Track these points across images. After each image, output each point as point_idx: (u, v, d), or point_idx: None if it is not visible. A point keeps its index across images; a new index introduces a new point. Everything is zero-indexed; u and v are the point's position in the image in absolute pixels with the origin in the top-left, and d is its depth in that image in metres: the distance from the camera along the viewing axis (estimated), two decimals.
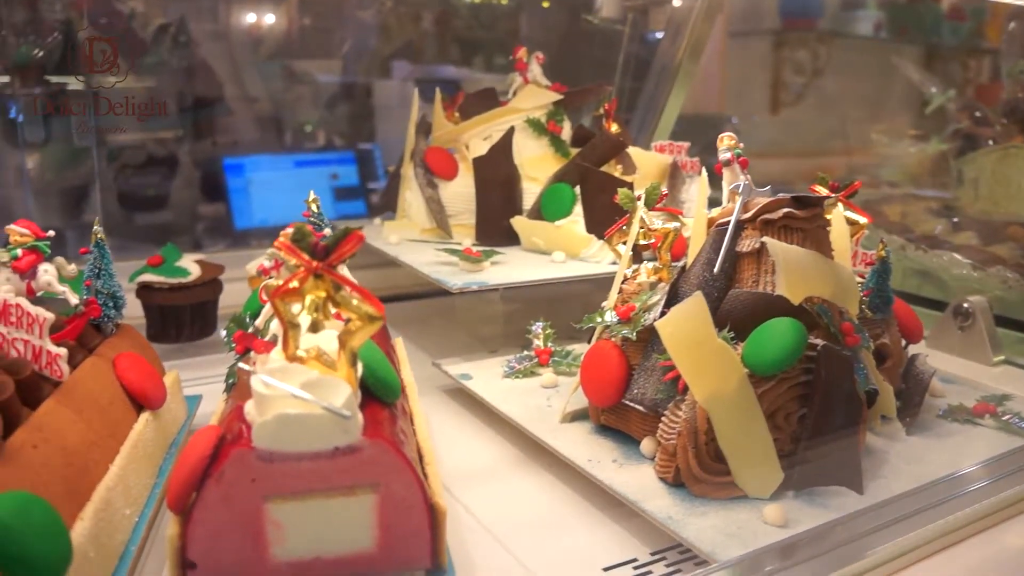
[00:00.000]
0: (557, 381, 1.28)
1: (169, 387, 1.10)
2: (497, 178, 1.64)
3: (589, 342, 1.24)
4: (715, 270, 1.04)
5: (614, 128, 1.67)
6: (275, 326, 0.93)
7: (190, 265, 1.47)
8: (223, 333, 1.07)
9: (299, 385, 0.75)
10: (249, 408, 0.78)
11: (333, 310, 0.79)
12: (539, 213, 1.62)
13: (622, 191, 1.19)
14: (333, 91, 2.82)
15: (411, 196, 1.70)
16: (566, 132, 1.76)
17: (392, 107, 2.88)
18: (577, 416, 1.17)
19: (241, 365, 0.82)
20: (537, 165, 1.68)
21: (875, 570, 0.90)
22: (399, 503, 0.79)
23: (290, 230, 0.86)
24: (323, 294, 0.78)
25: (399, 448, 0.78)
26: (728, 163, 1.13)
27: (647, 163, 1.63)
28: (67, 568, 0.72)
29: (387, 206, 1.89)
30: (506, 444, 1.22)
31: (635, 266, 1.19)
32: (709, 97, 2.90)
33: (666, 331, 0.98)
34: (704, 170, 1.22)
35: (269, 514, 0.77)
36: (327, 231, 1.10)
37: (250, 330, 0.92)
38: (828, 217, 1.10)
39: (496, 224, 1.63)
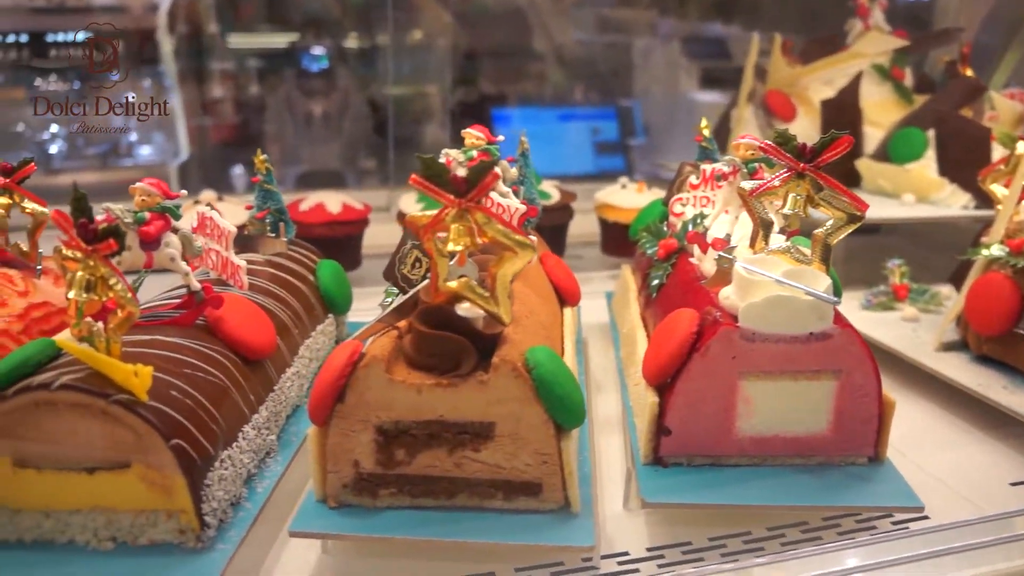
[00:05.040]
0: (919, 315, 1.31)
1: None
2: (843, 120, 1.65)
3: (953, 282, 1.28)
4: None
5: (968, 73, 1.66)
6: (717, 226, 1.00)
7: (551, 189, 1.56)
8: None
9: (780, 274, 0.82)
10: (728, 293, 0.86)
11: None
12: (886, 156, 1.64)
13: (1000, 130, 1.22)
14: (597, 47, 2.89)
15: None
16: (908, 78, 1.77)
17: (653, 65, 2.93)
18: (950, 347, 1.20)
19: (722, 254, 0.89)
20: (879, 110, 1.70)
21: None
22: (856, 391, 0.85)
23: (748, 140, 0.94)
24: (804, 193, 0.85)
25: (862, 339, 0.85)
26: None
27: (1002, 109, 1.61)
28: (584, 417, 0.81)
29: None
30: None
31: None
32: None
33: None
34: None
35: (742, 390, 0.85)
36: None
37: (699, 231, 1.00)
38: None
39: (838, 165, 1.65)
